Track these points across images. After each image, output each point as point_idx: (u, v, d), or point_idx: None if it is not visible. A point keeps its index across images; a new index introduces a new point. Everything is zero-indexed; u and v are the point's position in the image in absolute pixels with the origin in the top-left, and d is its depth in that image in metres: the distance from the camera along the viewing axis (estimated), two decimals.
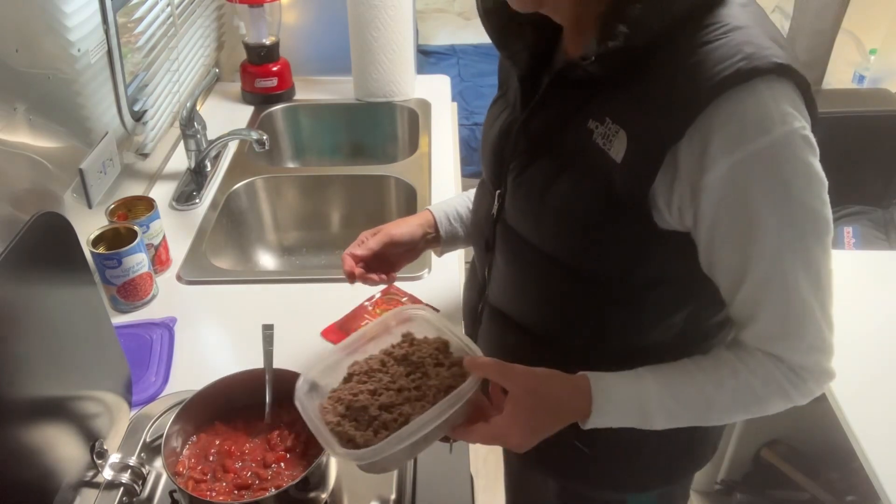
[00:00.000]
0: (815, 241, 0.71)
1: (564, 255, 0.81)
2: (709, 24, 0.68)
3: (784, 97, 0.66)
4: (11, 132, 1.07)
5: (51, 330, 0.82)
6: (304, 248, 1.74)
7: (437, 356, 0.87)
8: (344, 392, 0.84)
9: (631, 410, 0.77)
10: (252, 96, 2.00)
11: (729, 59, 0.65)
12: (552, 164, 0.79)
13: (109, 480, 0.91)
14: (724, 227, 0.70)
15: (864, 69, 2.41)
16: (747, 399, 0.77)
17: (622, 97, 0.71)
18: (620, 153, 0.71)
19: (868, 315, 1.39)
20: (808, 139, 0.67)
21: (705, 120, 0.66)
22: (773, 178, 0.67)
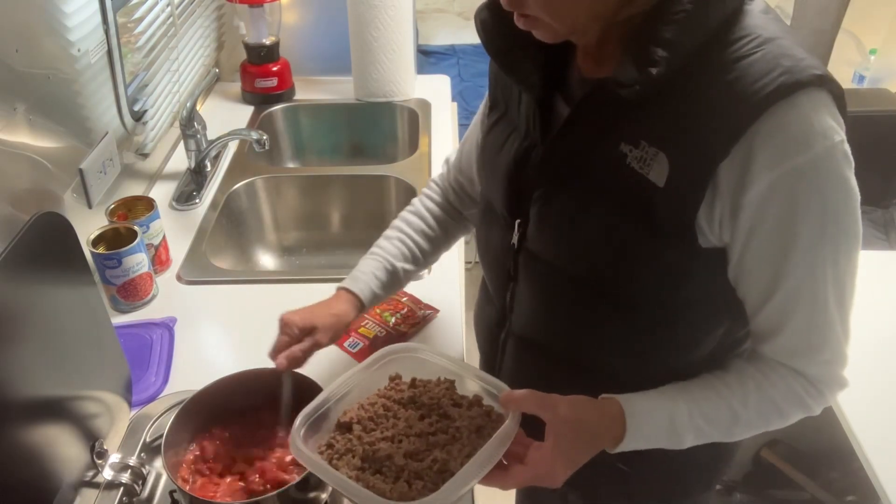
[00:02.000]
0: (845, 258, 0.70)
1: (600, 281, 0.78)
2: (740, 38, 0.67)
3: (824, 109, 0.65)
4: (11, 132, 1.07)
5: (51, 330, 0.82)
6: (304, 248, 1.74)
7: (450, 396, 0.84)
8: (351, 443, 0.79)
9: (662, 432, 0.76)
10: (252, 96, 2.00)
11: (769, 73, 0.64)
12: (583, 192, 0.76)
13: (109, 480, 0.91)
14: (761, 240, 0.69)
15: (864, 69, 2.41)
16: (770, 413, 0.77)
17: (657, 118, 0.69)
18: (662, 177, 0.68)
19: (868, 315, 1.38)
20: (846, 153, 0.67)
21: (749, 137, 0.64)
22: (814, 193, 0.66)
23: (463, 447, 0.77)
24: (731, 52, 0.66)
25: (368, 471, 0.76)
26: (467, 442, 0.78)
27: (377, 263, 1.03)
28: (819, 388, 0.76)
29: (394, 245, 1.05)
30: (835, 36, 2.09)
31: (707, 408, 0.76)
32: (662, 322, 0.79)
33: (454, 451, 0.77)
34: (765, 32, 0.67)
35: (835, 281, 0.70)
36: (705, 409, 0.76)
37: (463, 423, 0.80)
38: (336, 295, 1.00)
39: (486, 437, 0.77)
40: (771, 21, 0.69)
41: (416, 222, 1.07)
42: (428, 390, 0.85)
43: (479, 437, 0.79)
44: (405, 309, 1.25)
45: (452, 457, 0.76)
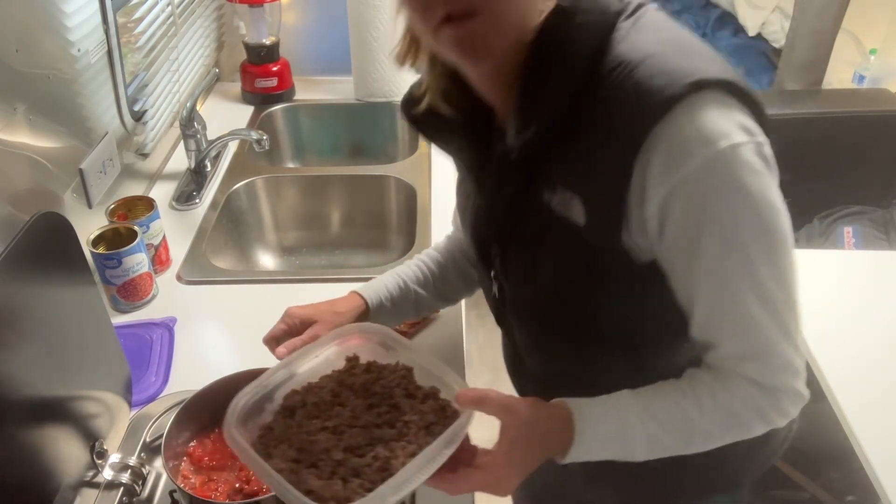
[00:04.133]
0: (764, 264, 0.67)
1: (574, 317, 0.79)
2: (612, 69, 0.67)
3: (708, 114, 0.64)
4: (11, 132, 1.07)
5: (51, 330, 0.82)
6: (304, 248, 1.74)
7: (405, 385, 0.77)
8: (291, 430, 0.73)
9: (613, 438, 0.73)
10: (252, 96, 2.00)
11: (643, 97, 0.64)
12: (526, 244, 0.79)
13: (109, 480, 0.91)
14: (671, 252, 0.69)
15: (864, 69, 2.41)
16: (729, 421, 0.74)
17: (563, 159, 0.71)
18: (581, 217, 0.70)
19: (868, 315, 1.39)
20: (738, 155, 0.64)
21: (643, 160, 0.65)
22: (709, 201, 0.65)
23: (408, 444, 0.71)
24: (608, 85, 0.67)
25: (303, 463, 0.70)
26: (414, 439, 0.72)
27: (391, 278, 1.03)
28: (777, 396, 0.74)
29: (409, 268, 1.05)
30: (835, 36, 2.08)
31: (661, 414, 0.74)
32: (642, 338, 0.79)
33: (398, 449, 0.71)
34: (634, 55, 0.67)
35: (755, 289, 0.68)
36: (659, 415, 0.73)
37: (413, 418, 0.74)
38: (345, 296, 1.00)
39: (435, 435, 0.72)
40: (642, 36, 0.69)
41: (433, 254, 1.08)
42: (382, 377, 0.79)
43: (428, 434, 0.73)
44: None
45: (395, 455, 0.70)
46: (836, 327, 1.35)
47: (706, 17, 3.60)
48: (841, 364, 1.27)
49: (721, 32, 3.46)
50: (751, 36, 3.37)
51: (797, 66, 2.15)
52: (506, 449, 0.70)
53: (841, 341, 1.32)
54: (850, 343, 1.32)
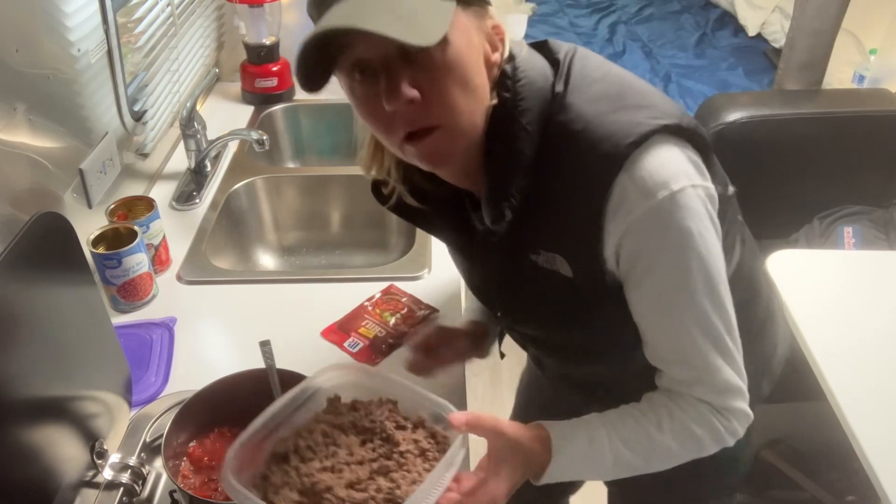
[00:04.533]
0: (702, 294, 0.75)
1: (574, 339, 0.89)
2: (561, 138, 0.74)
3: (647, 167, 0.71)
4: (11, 132, 1.07)
5: (51, 330, 0.82)
6: (304, 248, 1.74)
7: (394, 418, 0.80)
8: (288, 475, 0.74)
9: (584, 455, 0.79)
10: (252, 96, 2.00)
11: (594, 166, 0.72)
12: (526, 299, 0.87)
13: (109, 480, 0.91)
14: (626, 290, 0.78)
15: (864, 69, 2.41)
16: (686, 439, 0.80)
17: (540, 228, 0.78)
18: (568, 270, 0.78)
19: (868, 315, 1.39)
20: (676, 202, 0.71)
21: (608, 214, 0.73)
22: (644, 247, 0.73)
23: (408, 473, 0.74)
24: (560, 156, 0.75)
25: None
26: (412, 468, 0.75)
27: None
28: (727, 416, 0.80)
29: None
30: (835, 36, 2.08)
31: (625, 432, 0.80)
32: (630, 338, 0.83)
33: (399, 479, 0.73)
34: (575, 125, 0.74)
35: (697, 320, 0.76)
36: (623, 434, 0.80)
37: (408, 447, 0.76)
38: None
39: (431, 461, 0.76)
40: (576, 100, 0.75)
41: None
42: (369, 412, 0.81)
43: (425, 461, 0.76)
44: (405, 309, 1.25)
45: (398, 485, 0.72)
46: (836, 327, 1.35)
47: (706, 17, 3.61)
48: (841, 364, 1.27)
49: (721, 32, 3.46)
50: (751, 36, 3.37)
51: (797, 66, 2.15)
52: (495, 470, 0.76)
53: (841, 341, 1.32)
54: (850, 343, 1.32)
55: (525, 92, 0.75)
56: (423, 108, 0.71)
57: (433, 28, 0.67)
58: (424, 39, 0.66)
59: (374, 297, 1.28)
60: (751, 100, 2.08)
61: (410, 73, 0.70)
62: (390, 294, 1.30)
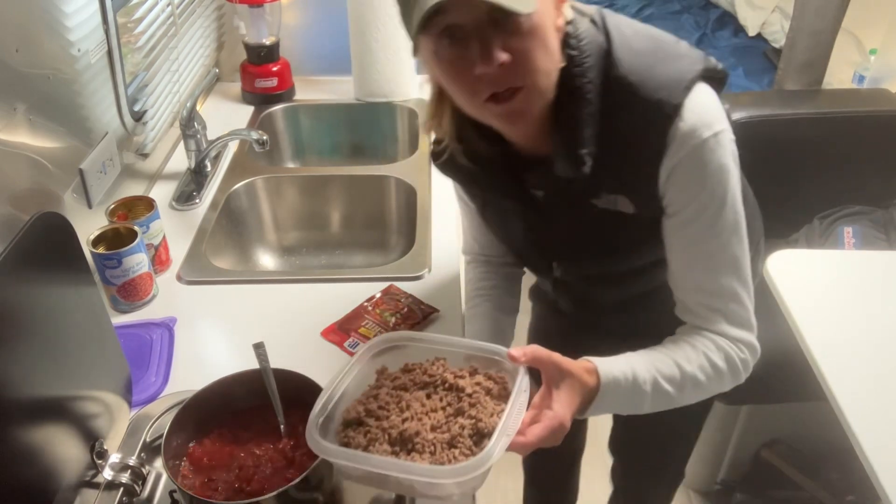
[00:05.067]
0: (731, 229, 0.86)
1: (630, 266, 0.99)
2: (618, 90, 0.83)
3: (695, 111, 0.82)
4: (11, 132, 1.07)
5: (51, 330, 0.82)
6: (304, 248, 1.74)
7: (449, 370, 0.85)
8: (371, 433, 0.78)
9: (628, 382, 0.86)
10: (252, 96, 2.00)
11: (653, 113, 0.82)
12: (585, 237, 0.96)
13: (109, 480, 0.91)
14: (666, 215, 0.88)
15: (864, 69, 2.41)
16: (709, 370, 0.89)
17: (602, 171, 0.86)
18: (630, 207, 0.88)
19: (868, 315, 1.39)
20: (718, 142, 0.83)
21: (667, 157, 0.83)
22: (688, 179, 0.84)
23: (483, 408, 0.79)
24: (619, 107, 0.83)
25: (401, 453, 0.76)
26: (485, 404, 0.80)
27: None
28: (740, 346, 0.90)
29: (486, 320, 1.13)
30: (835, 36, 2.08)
31: (661, 367, 0.88)
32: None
33: (477, 414, 0.78)
34: (632, 77, 0.83)
35: (724, 251, 0.87)
36: (661, 368, 0.88)
37: (475, 389, 0.82)
38: None
39: (497, 398, 0.82)
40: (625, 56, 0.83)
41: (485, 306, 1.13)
42: (424, 370, 0.86)
43: (492, 398, 0.81)
44: (405, 309, 1.25)
45: (479, 418, 0.78)
46: (837, 327, 1.35)
47: (706, 17, 3.61)
48: (841, 364, 1.27)
49: (721, 32, 3.46)
50: (751, 36, 3.37)
51: (797, 66, 2.15)
52: (556, 397, 0.80)
53: (841, 341, 1.32)
54: (850, 343, 1.32)
55: (588, 49, 0.83)
56: (511, 71, 0.77)
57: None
58: (526, 7, 0.73)
59: (374, 297, 1.29)
60: (751, 100, 2.08)
61: (500, 38, 0.76)
62: (390, 294, 1.30)
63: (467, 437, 0.77)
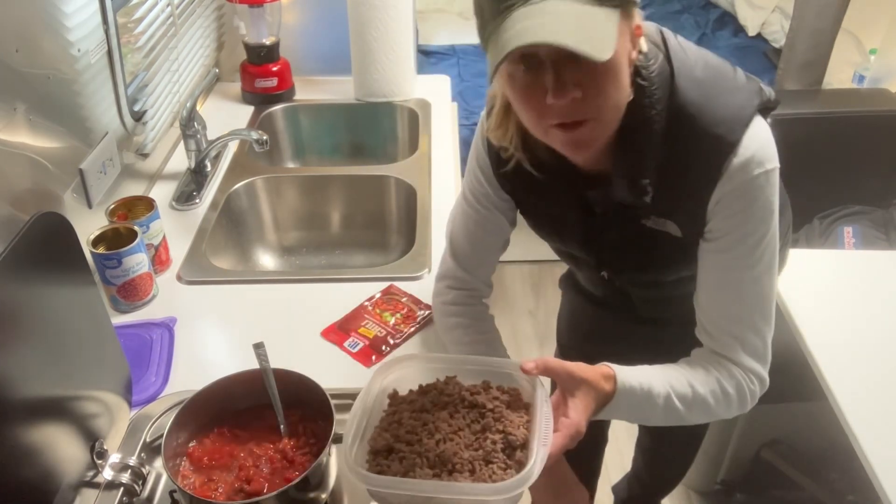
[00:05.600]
0: (765, 264, 0.88)
1: (668, 280, 1.04)
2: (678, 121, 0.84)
3: (749, 147, 0.84)
4: (11, 132, 1.07)
5: (51, 330, 0.82)
6: (304, 248, 1.74)
7: (462, 387, 0.87)
8: (407, 459, 0.79)
9: (643, 400, 0.88)
10: (252, 96, 2.00)
11: (712, 146, 0.83)
12: (636, 253, 0.99)
13: (109, 480, 0.91)
14: (704, 246, 0.91)
15: (864, 69, 2.41)
16: (719, 396, 0.90)
17: (656, 198, 0.89)
18: (678, 231, 0.91)
19: (868, 315, 1.39)
20: (768, 179, 0.85)
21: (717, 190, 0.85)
22: (733, 211, 0.86)
23: (510, 422, 0.81)
24: (677, 137, 0.85)
25: (443, 474, 0.77)
26: (509, 417, 0.81)
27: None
28: (752, 378, 0.92)
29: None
30: (835, 36, 2.08)
31: (676, 385, 0.90)
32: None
33: (504, 428, 0.80)
34: (690, 108, 0.84)
35: (754, 284, 0.89)
36: (675, 386, 0.89)
37: (495, 404, 0.83)
38: None
39: (518, 409, 0.84)
40: (685, 84, 0.85)
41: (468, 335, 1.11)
42: (440, 390, 0.86)
43: (513, 410, 0.83)
44: (405, 309, 1.25)
45: (508, 431, 0.79)
46: (836, 327, 1.35)
47: (706, 17, 3.61)
48: (841, 364, 1.27)
49: (721, 32, 3.46)
50: (751, 36, 3.37)
51: (797, 66, 2.15)
52: (572, 404, 0.83)
53: (841, 341, 1.32)
54: (850, 343, 1.32)
55: (657, 81, 0.85)
56: (581, 105, 0.79)
57: (607, 39, 0.74)
58: (603, 53, 0.73)
59: (374, 297, 1.29)
60: None
61: (575, 74, 0.77)
62: (390, 294, 1.30)
63: (500, 452, 0.78)
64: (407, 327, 1.22)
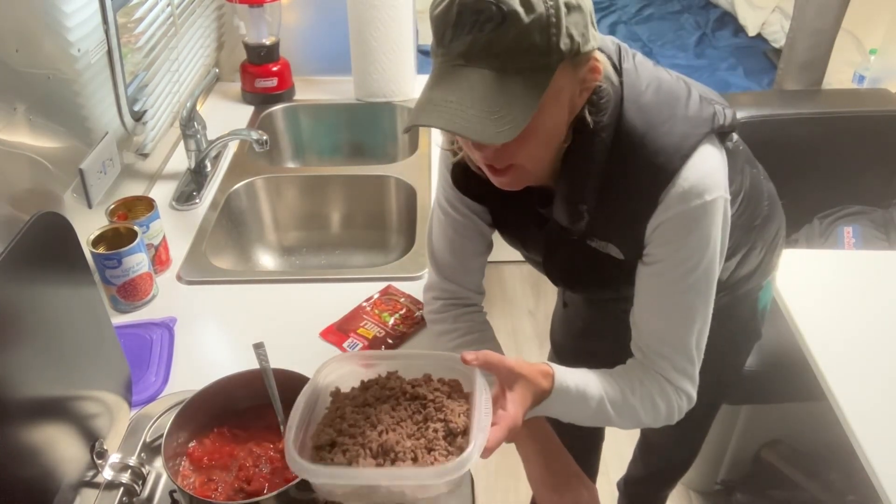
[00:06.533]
0: (699, 292, 0.90)
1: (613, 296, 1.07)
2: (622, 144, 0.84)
3: (691, 177, 0.83)
4: (11, 132, 1.07)
5: (51, 330, 0.82)
6: (304, 248, 1.74)
7: (403, 382, 0.88)
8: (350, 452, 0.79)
9: (576, 400, 0.90)
10: (252, 96, 2.00)
11: (651, 175, 0.84)
12: (581, 270, 1.01)
13: (109, 480, 0.91)
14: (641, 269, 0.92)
15: (864, 69, 2.41)
16: (648, 406, 0.93)
17: (598, 219, 0.90)
18: (619, 254, 0.92)
19: (868, 315, 1.39)
20: (706, 210, 0.84)
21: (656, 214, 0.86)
22: (669, 239, 0.86)
23: (450, 411, 0.82)
24: (620, 161, 0.85)
25: (386, 464, 0.78)
26: (450, 407, 0.83)
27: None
28: (679, 394, 0.94)
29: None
30: (835, 36, 2.08)
31: (609, 391, 0.92)
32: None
33: (445, 417, 0.81)
34: (634, 136, 0.84)
35: (688, 310, 0.90)
36: (609, 392, 0.92)
37: (436, 395, 0.84)
38: None
39: (458, 399, 0.85)
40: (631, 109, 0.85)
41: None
42: (382, 385, 0.87)
43: (453, 400, 0.84)
44: (403, 309, 1.25)
45: (449, 420, 0.81)
46: (836, 327, 1.35)
47: (706, 17, 3.61)
48: (841, 364, 1.27)
49: (721, 32, 3.46)
50: (751, 36, 3.37)
51: (797, 66, 2.15)
52: (510, 398, 0.83)
53: (841, 341, 1.32)
54: (850, 343, 1.32)
55: (605, 106, 0.84)
56: (505, 155, 0.81)
57: (518, 119, 0.74)
58: (505, 137, 0.73)
59: (372, 298, 1.28)
60: (751, 100, 2.08)
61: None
62: (389, 294, 1.30)
63: (441, 439, 0.80)
64: (405, 327, 1.22)
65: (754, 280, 1.19)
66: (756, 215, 1.08)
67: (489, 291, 1.15)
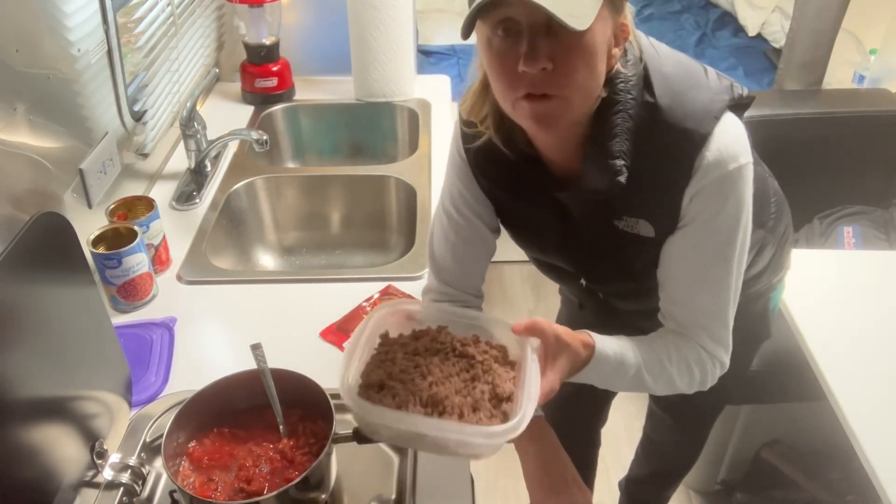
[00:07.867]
0: (735, 259, 0.90)
1: (642, 284, 1.02)
2: (650, 113, 0.85)
3: (722, 142, 0.84)
4: (11, 132, 1.07)
5: (51, 330, 0.82)
6: (304, 248, 1.74)
7: (455, 337, 0.89)
8: (399, 397, 0.81)
9: (615, 367, 0.92)
10: (252, 96, 2.00)
11: (682, 142, 0.84)
12: (608, 256, 0.99)
13: (109, 480, 0.91)
14: (673, 238, 0.91)
15: (864, 69, 2.41)
16: (684, 372, 0.95)
17: (627, 195, 0.88)
18: (650, 231, 0.91)
19: (868, 315, 1.39)
20: (741, 174, 0.86)
21: (692, 185, 0.86)
22: (706, 206, 0.87)
23: (499, 375, 0.84)
24: (649, 133, 0.85)
25: (434, 414, 0.79)
26: (498, 371, 0.84)
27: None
28: (714, 362, 0.96)
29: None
30: (835, 36, 2.08)
31: (647, 357, 0.93)
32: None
33: (492, 380, 0.83)
34: (662, 100, 0.85)
35: (724, 277, 0.91)
36: (646, 358, 0.93)
37: (485, 357, 0.86)
38: None
39: (504, 364, 0.87)
40: (657, 80, 0.86)
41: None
42: (433, 337, 0.89)
43: (501, 364, 0.86)
44: None
45: (496, 384, 0.82)
46: (837, 327, 1.35)
47: (706, 17, 3.61)
48: (841, 364, 1.27)
49: (721, 32, 3.46)
50: (751, 36, 3.37)
51: (797, 66, 2.15)
52: (551, 365, 0.85)
53: (841, 341, 1.32)
54: (850, 343, 1.32)
55: (632, 77, 0.86)
56: (551, 78, 0.79)
57: (586, 14, 0.75)
58: (578, 23, 0.74)
59: (372, 298, 1.28)
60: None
61: (550, 45, 0.77)
62: (389, 294, 1.29)
63: (487, 402, 0.81)
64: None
65: (766, 278, 1.20)
66: (765, 212, 1.09)
67: (489, 291, 1.14)
